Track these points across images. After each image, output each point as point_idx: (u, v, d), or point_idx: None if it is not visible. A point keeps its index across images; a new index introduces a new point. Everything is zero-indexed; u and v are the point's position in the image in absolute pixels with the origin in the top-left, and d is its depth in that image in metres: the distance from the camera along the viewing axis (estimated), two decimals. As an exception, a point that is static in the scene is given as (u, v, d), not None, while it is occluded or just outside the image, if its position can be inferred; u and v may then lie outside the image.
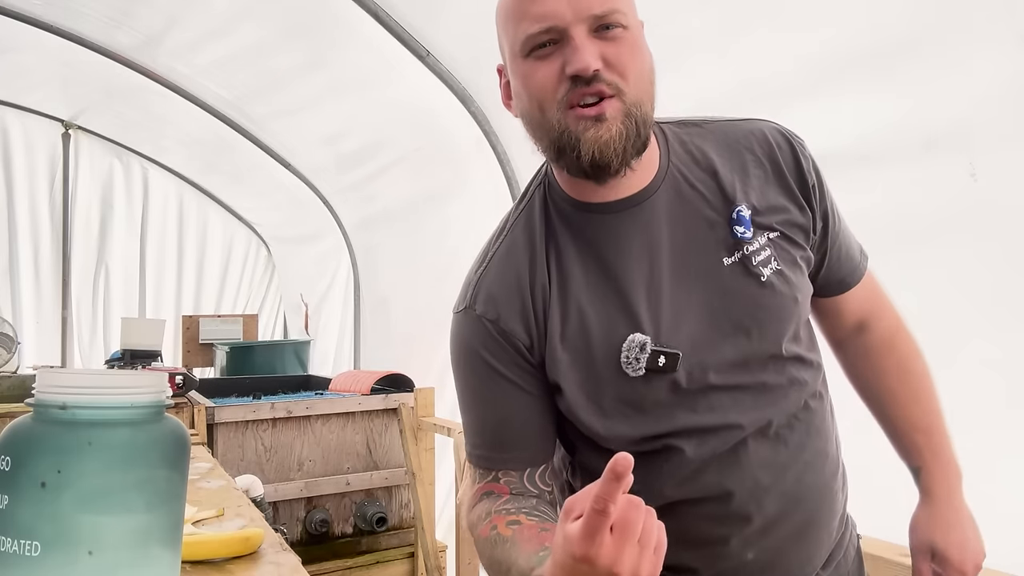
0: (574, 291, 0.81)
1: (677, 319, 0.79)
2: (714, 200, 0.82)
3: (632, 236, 0.81)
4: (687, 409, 0.80)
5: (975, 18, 1.34)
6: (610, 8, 0.73)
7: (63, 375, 0.59)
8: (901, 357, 0.95)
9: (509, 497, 0.84)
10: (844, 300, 0.93)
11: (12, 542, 0.53)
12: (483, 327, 0.84)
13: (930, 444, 0.93)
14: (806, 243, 0.85)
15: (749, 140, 0.86)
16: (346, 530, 2.88)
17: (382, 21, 2.59)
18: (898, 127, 1.49)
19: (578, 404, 0.82)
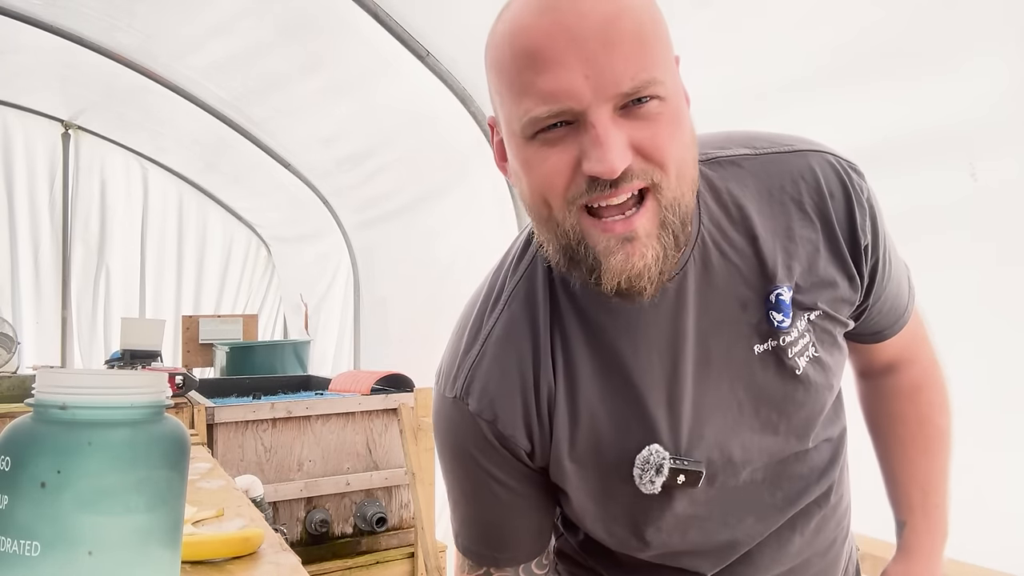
0: (584, 390, 0.68)
1: (700, 421, 0.68)
2: (750, 275, 0.67)
3: (651, 323, 0.66)
4: (704, 523, 0.72)
5: (975, 18, 1.34)
6: (645, 80, 0.55)
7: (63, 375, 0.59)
8: (924, 407, 0.85)
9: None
10: (881, 346, 0.81)
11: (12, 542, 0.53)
12: (477, 427, 0.71)
13: (925, 503, 0.85)
14: (849, 315, 0.72)
15: (797, 186, 0.68)
16: (346, 530, 2.88)
17: (382, 21, 2.59)
18: (898, 127, 1.49)
19: (586, 513, 0.73)
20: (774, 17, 1.69)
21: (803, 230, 0.68)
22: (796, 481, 0.73)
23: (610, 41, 0.54)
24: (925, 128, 1.44)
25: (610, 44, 0.54)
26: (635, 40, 0.55)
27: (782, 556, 0.75)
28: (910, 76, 1.45)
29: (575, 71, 0.54)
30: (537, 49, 0.55)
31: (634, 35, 0.55)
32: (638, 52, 0.55)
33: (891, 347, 0.81)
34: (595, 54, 0.54)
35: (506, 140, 0.63)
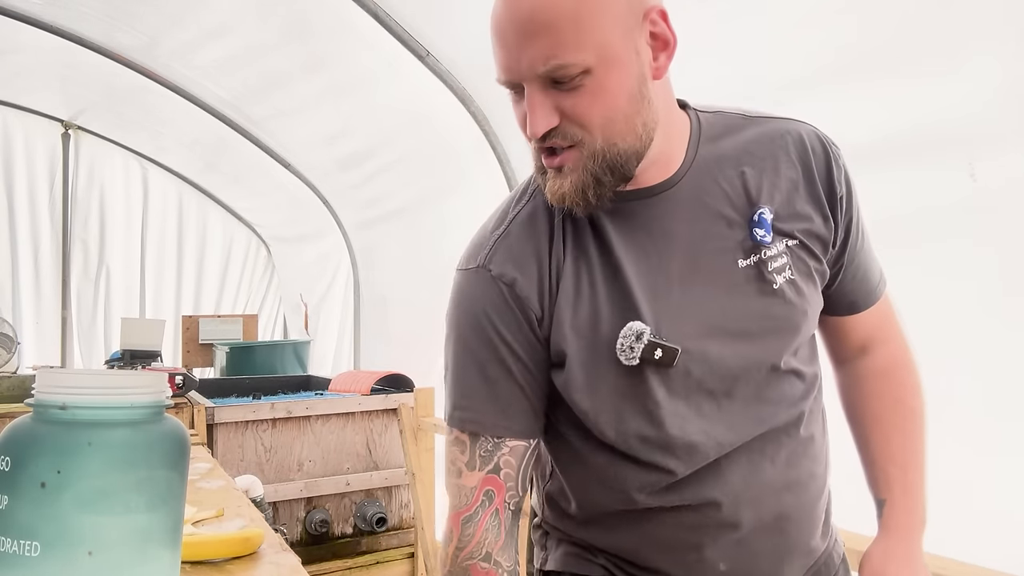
0: (586, 272, 0.79)
1: (681, 316, 0.76)
2: (737, 199, 0.79)
3: (644, 226, 0.79)
4: (678, 415, 0.78)
5: (975, 18, 1.34)
6: (555, 65, 0.68)
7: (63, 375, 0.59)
8: (897, 387, 0.90)
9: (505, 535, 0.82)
10: (852, 321, 0.89)
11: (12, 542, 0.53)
12: (497, 289, 0.80)
13: (903, 480, 0.88)
14: (823, 255, 0.81)
15: (785, 139, 0.82)
16: (346, 530, 2.88)
17: (382, 21, 2.59)
18: (897, 127, 1.49)
19: (576, 384, 0.80)
20: (773, 16, 1.69)
21: (786, 170, 0.80)
22: (767, 402, 0.80)
23: (526, 34, 0.69)
24: (924, 128, 1.44)
25: (526, 36, 0.69)
26: (548, 32, 0.68)
27: (753, 481, 0.79)
28: (910, 75, 1.45)
29: (512, 53, 0.71)
30: (496, 31, 0.73)
31: (548, 27, 0.68)
32: (550, 42, 0.68)
33: (864, 324, 0.89)
34: (518, 44, 0.70)
35: None
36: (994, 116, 1.33)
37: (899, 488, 0.87)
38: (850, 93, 1.57)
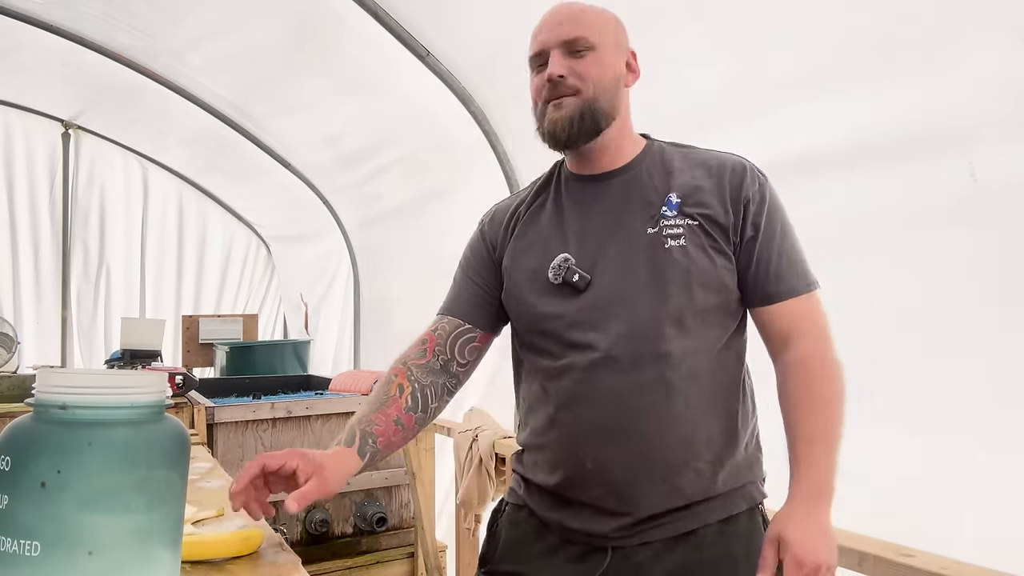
0: (539, 219, 1.17)
1: (597, 258, 1.08)
2: (659, 189, 1.09)
3: (588, 199, 1.13)
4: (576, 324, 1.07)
5: (975, 17, 1.34)
6: (576, 35, 1.06)
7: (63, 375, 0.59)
8: (809, 376, 1.04)
9: (426, 362, 1.19)
10: (770, 312, 1.08)
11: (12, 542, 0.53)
12: (478, 231, 1.26)
13: (809, 455, 1.00)
14: (723, 240, 1.06)
15: (712, 161, 1.11)
16: (346, 530, 2.88)
17: (382, 21, 2.59)
18: (898, 127, 1.49)
19: (521, 286, 1.14)
20: (773, 14, 1.69)
21: (704, 178, 1.09)
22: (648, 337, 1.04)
23: (563, 22, 1.08)
24: (924, 128, 1.44)
25: (563, 23, 1.08)
26: (577, 22, 1.08)
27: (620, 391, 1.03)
28: (910, 75, 1.45)
29: (550, 31, 1.09)
30: (541, 23, 1.11)
31: (578, 20, 1.08)
32: (577, 28, 1.07)
33: (782, 317, 1.07)
34: (557, 26, 1.08)
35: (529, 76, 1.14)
36: (995, 115, 1.33)
37: (804, 462, 1.00)
38: (850, 93, 1.57)
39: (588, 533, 1.07)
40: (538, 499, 1.14)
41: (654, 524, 1.04)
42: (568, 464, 1.08)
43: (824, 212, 1.64)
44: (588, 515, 1.07)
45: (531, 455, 1.16)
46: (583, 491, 1.07)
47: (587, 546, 1.07)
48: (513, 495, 1.21)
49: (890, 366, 1.53)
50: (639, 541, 1.05)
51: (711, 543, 1.05)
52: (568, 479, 1.08)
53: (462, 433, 2.41)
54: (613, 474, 1.04)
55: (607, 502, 1.05)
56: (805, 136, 1.68)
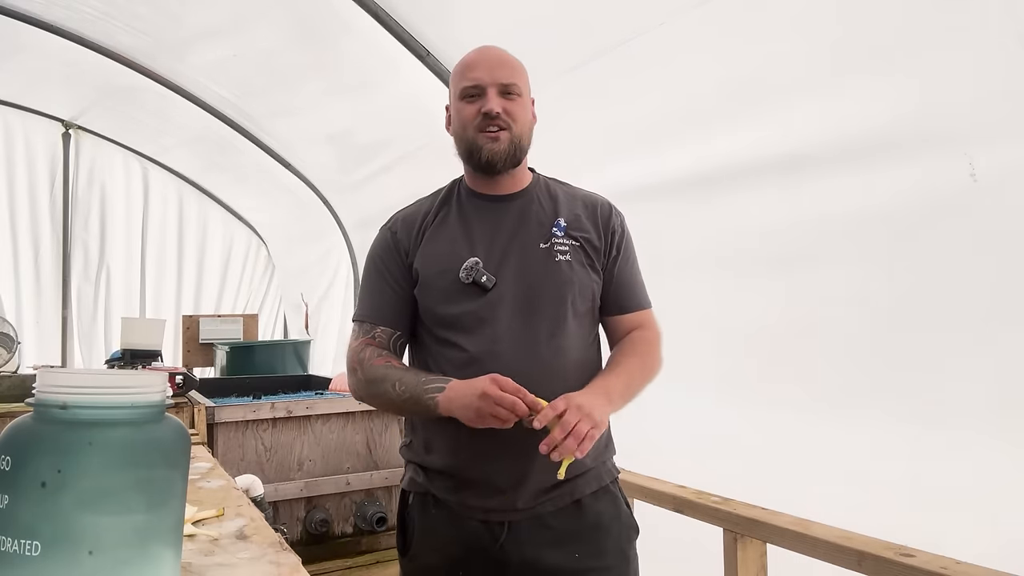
0: (447, 228, 1.33)
1: (501, 266, 1.26)
2: (548, 214, 1.32)
3: (492, 216, 1.32)
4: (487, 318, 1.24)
5: (977, 16, 1.34)
6: (511, 81, 1.27)
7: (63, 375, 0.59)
8: (644, 345, 1.32)
9: (389, 352, 1.31)
10: (622, 320, 1.35)
11: (12, 542, 0.53)
12: (386, 236, 1.38)
13: (615, 377, 1.26)
14: (596, 258, 1.31)
15: (587, 198, 1.37)
16: (346, 530, 2.89)
17: (382, 21, 2.59)
18: (898, 127, 1.49)
19: (429, 288, 1.29)
20: (771, 14, 1.69)
21: (581, 208, 1.35)
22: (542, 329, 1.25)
23: (497, 66, 1.28)
24: (925, 128, 1.44)
25: (497, 67, 1.28)
26: (511, 68, 1.29)
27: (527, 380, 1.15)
28: (911, 74, 1.45)
29: (486, 72, 1.27)
30: (472, 63, 1.30)
31: (508, 65, 1.29)
32: (511, 72, 1.28)
33: (631, 322, 1.35)
34: (491, 69, 1.27)
35: (451, 106, 1.34)
36: (995, 115, 1.33)
37: (609, 376, 1.26)
38: (851, 93, 1.57)
39: (486, 509, 1.24)
40: (439, 483, 1.29)
41: (544, 499, 1.24)
42: (468, 450, 1.23)
43: (824, 212, 1.64)
44: (482, 492, 1.24)
45: (433, 439, 1.30)
46: (482, 471, 1.23)
47: (486, 522, 1.25)
48: (412, 484, 1.34)
49: (890, 366, 1.53)
50: (532, 515, 1.24)
51: (588, 510, 1.27)
52: (470, 462, 1.24)
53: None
54: (509, 457, 1.21)
55: (501, 479, 1.22)
56: (803, 136, 1.68)
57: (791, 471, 1.70)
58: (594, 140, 2.34)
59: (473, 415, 1.13)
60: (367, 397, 1.30)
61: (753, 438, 1.82)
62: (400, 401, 1.23)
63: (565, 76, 2.27)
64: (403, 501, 1.38)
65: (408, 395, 1.21)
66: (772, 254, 1.79)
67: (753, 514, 1.51)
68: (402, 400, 1.22)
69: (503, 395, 1.10)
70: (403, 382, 1.22)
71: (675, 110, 2.01)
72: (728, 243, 1.91)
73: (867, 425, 1.55)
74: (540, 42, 2.20)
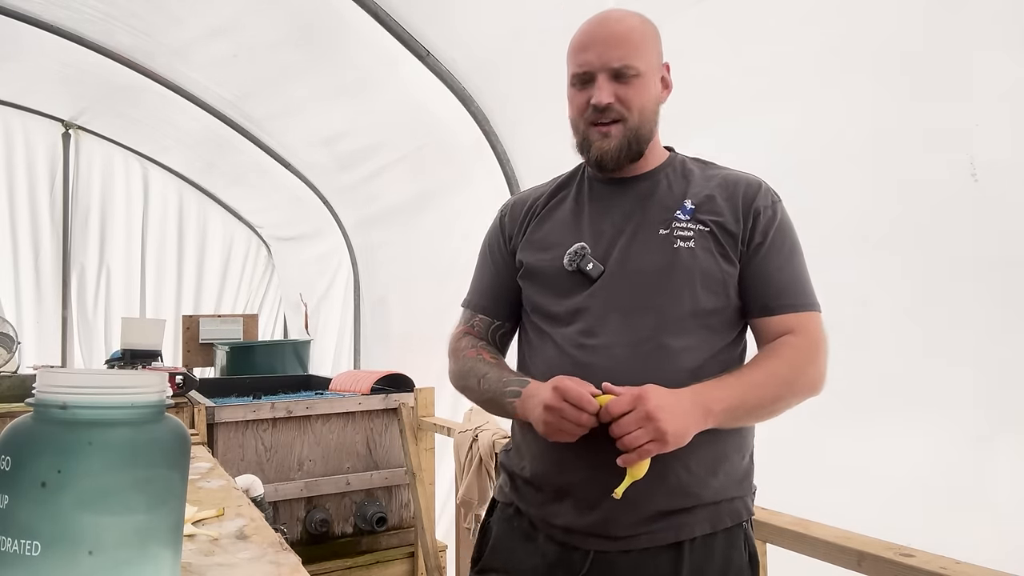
0: (559, 212, 1.22)
1: (610, 252, 1.13)
2: (676, 196, 1.16)
3: (609, 199, 1.19)
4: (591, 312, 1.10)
5: (979, 18, 1.34)
6: (624, 64, 1.09)
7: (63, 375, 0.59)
8: (775, 349, 1.09)
9: (485, 343, 1.25)
10: (769, 323, 1.12)
11: (12, 542, 0.54)
12: (496, 220, 1.31)
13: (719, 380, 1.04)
14: (731, 246, 1.11)
15: (730, 176, 1.17)
16: (346, 530, 2.88)
17: (382, 21, 2.59)
18: (898, 126, 1.49)
19: (532, 276, 1.19)
20: (773, 15, 1.69)
21: (718, 190, 1.15)
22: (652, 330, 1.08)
23: (610, 43, 1.11)
24: (925, 128, 1.44)
25: (610, 45, 1.10)
26: (626, 44, 1.10)
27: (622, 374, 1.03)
28: (910, 75, 1.45)
29: (596, 53, 1.10)
30: (584, 39, 1.13)
31: (625, 42, 1.10)
32: (626, 50, 1.10)
33: (781, 327, 1.11)
34: (603, 48, 1.10)
35: (567, 89, 1.18)
36: (996, 116, 1.33)
37: (708, 384, 1.03)
38: (850, 93, 1.57)
39: (569, 529, 1.08)
40: (525, 494, 1.16)
41: (643, 530, 1.04)
42: (563, 457, 1.07)
43: (825, 212, 1.64)
44: (570, 507, 1.08)
45: (523, 444, 1.16)
46: (570, 475, 1.07)
47: (568, 546, 1.08)
48: (500, 493, 1.24)
49: (890, 366, 1.53)
50: (622, 548, 1.04)
51: (691, 558, 1.05)
52: (564, 471, 1.09)
53: (462, 433, 2.41)
54: (606, 467, 1.00)
55: (591, 491, 1.04)
56: (808, 139, 1.68)
57: (791, 471, 1.70)
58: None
59: (541, 428, 1.00)
60: (460, 389, 1.22)
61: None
62: (483, 399, 1.14)
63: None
64: (490, 509, 1.27)
65: (490, 394, 1.12)
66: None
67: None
68: (485, 399, 1.14)
69: (565, 407, 0.96)
70: (487, 379, 1.13)
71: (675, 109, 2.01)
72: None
73: (867, 425, 1.55)
74: (541, 42, 2.20)
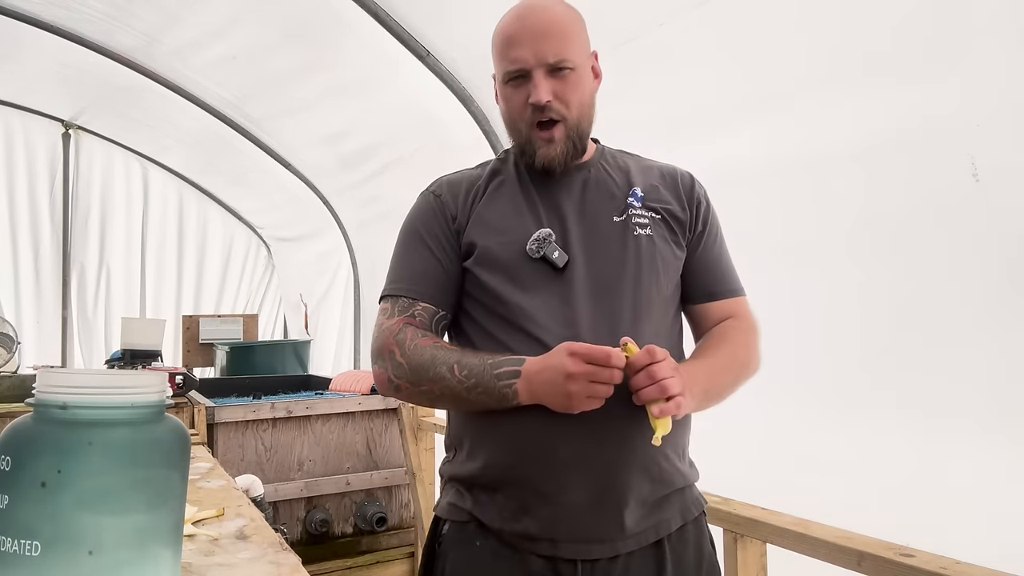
0: (504, 196, 1.13)
1: (570, 243, 1.07)
2: (621, 185, 1.13)
3: (554, 188, 1.12)
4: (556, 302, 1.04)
5: (978, 18, 1.34)
6: (560, 58, 1.04)
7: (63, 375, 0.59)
8: (728, 331, 1.13)
9: (432, 334, 1.09)
10: (711, 309, 1.15)
11: (12, 542, 0.53)
12: (428, 200, 1.17)
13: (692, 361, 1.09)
14: (681, 233, 1.13)
15: (662, 167, 1.19)
16: (346, 530, 2.88)
17: (382, 21, 2.59)
18: (899, 127, 1.49)
19: (489, 261, 1.07)
20: (775, 17, 1.69)
21: (658, 179, 1.16)
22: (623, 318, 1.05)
23: (541, 37, 1.04)
24: (925, 128, 1.44)
25: (541, 38, 1.04)
26: (560, 37, 1.05)
27: None
28: (911, 75, 1.45)
29: (528, 49, 1.04)
30: (510, 35, 1.07)
31: (556, 34, 1.05)
32: (560, 43, 1.04)
33: (722, 312, 1.15)
34: (534, 43, 1.04)
35: (497, 85, 1.12)
36: (997, 116, 1.33)
37: (686, 364, 1.06)
38: (851, 94, 1.57)
39: (555, 540, 0.98)
40: (490, 507, 1.03)
41: (637, 530, 1.00)
42: (534, 450, 0.98)
43: (825, 213, 1.64)
44: (550, 514, 0.98)
45: (483, 443, 1.04)
46: (554, 481, 0.98)
47: (552, 559, 0.99)
48: (451, 510, 1.08)
49: (891, 366, 1.53)
50: (609, 553, 0.98)
51: (672, 554, 1.03)
52: (536, 469, 0.98)
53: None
54: (590, 459, 0.97)
55: (583, 494, 0.97)
56: (803, 137, 1.68)
57: (791, 471, 1.70)
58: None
59: (567, 402, 0.92)
60: (410, 388, 1.02)
61: (754, 438, 1.82)
62: (462, 389, 0.97)
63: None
64: (433, 531, 1.11)
65: (474, 382, 0.97)
66: (771, 255, 1.79)
67: (753, 514, 1.51)
68: (464, 388, 0.97)
69: (595, 369, 0.89)
70: (464, 365, 0.98)
71: (677, 110, 2.01)
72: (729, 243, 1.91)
73: (867, 425, 1.55)
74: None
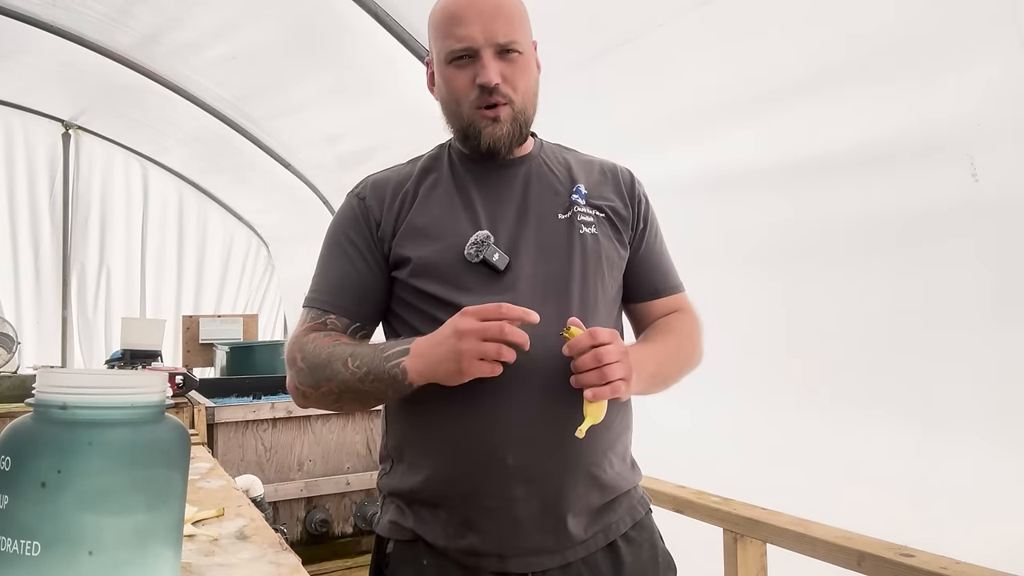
0: (438, 197, 1.07)
1: (513, 242, 1.03)
2: (563, 181, 1.10)
3: (494, 184, 1.07)
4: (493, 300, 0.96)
5: (978, 19, 1.34)
6: (510, 39, 1.00)
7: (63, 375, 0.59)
8: (674, 320, 1.13)
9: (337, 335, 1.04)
10: (655, 307, 1.14)
11: (12, 542, 0.53)
12: (352, 204, 1.10)
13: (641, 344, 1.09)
14: (624, 230, 1.10)
15: (602, 163, 1.17)
16: (346, 530, 2.88)
17: (382, 21, 2.59)
18: (899, 127, 1.49)
19: (423, 269, 1.02)
20: (775, 17, 1.69)
21: (599, 175, 1.13)
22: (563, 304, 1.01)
23: (491, 16, 0.99)
24: (926, 128, 1.44)
25: (491, 18, 0.99)
26: (508, 18, 1.01)
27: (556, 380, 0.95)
28: (911, 76, 1.45)
29: (476, 28, 0.99)
30: (455, 14, 1.01)
31: (506, 15, 1.00)
32: (509, 25, 1.00)
33: (666, 308, 1.14)
34: (482, 22, 0.99)
35: (435, 65, 1.06)
36: (996, 116, 1.33)
37: (634, 347, 1.03)
38: (851, 94, 1.57)
39: (503, 555, 0.95)
40: (432, 523, 0.98)
41: (588, 535, 0.98)
42: (481, 458, 0.94)
43: (826, 214, 1.64)
44: (497, 529, 0.94)
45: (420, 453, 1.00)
46: (500, 493, 0.94)
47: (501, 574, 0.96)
48: (393, 529, 1.02)
49: (891, 367, 1.53)
50: (560, 562, 0.96)
51: (627, 555, 1.01)
52: (482, 480, 0.94)
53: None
54: (537, 468, 0.93)
55: (530, 505, 0.94)
56: (804, 138, 1.68)
57: (791, 471, 1.70)
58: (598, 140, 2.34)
59: (458, 366, 0.87)
60: (311, 392, 0.99)
61: (753, 438, 1.82)
62: (355, 381, 0.93)
63: (565, 78, 2.27)
64: (378, 551, 1.05)
65: (365, 370, 0.93)
66: (772, 255, 1.79)
67: (753, 514, 1.51)
68: (358, 379, 0.93)
69: (484, 325, 0.85)
70: (357, 356, 0.94)
71: (678, 110, 2.01)
72: (730, 242, 1.91)
73: (868, 425, 1.55)
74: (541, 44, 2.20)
